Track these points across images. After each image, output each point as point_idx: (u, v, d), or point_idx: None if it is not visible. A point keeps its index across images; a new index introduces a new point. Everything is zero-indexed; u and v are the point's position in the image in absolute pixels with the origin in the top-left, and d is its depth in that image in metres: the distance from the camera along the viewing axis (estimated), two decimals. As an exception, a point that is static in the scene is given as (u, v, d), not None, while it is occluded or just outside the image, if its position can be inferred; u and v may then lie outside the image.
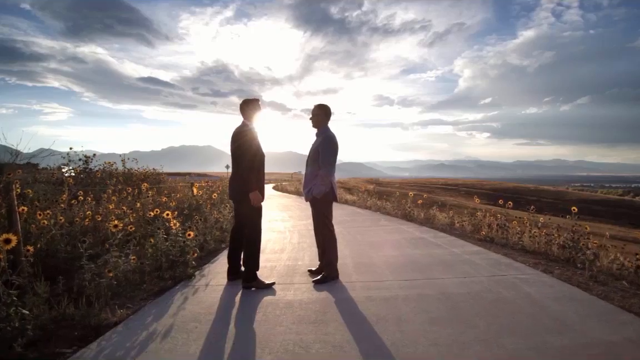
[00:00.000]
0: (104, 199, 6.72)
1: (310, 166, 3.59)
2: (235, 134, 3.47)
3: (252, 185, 3.33)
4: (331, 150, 3.49)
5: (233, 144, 3.45)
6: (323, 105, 3.65)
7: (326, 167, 3.45)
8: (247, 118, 3.53)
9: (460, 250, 4.93)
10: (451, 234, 6.29)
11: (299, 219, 8.72)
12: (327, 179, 3.45)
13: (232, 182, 3.53)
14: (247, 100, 3.57)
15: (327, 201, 3.57)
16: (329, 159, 3.46)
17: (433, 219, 8.19)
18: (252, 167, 3.36)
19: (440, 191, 70.36)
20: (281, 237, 6.18)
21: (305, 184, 3.64)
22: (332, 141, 3.52)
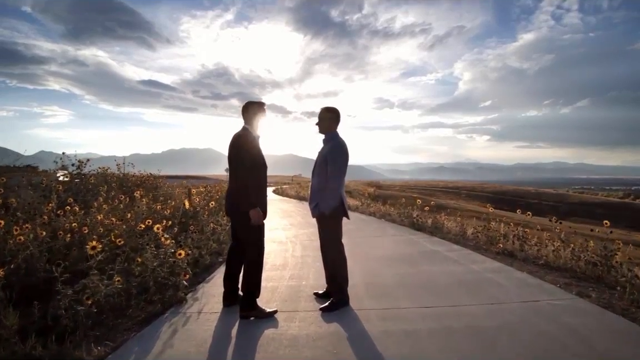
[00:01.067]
0: (94, 208, 6.30)
1: (317, 177, 3.13)
2: (233, 140, 3.03)
3: (252, 200, 2.90)
4: (341, 159, 3.05)
5: (230, 151, 3.01)
6: (331, 109, 3.21)
7: (335, 178, 3.00)
8: (249, 123, 3.10)
9: (479, 267, 4.50)
10: (465, 245, 5.86)
11: (301, 227, 8.28)
12: (336, 193, 3.01)
13: (229, 195, 3.11)
14: (250, 103, 3.14)
15: (336, 218, 3.13)
16: (338, 169, 3.02)
17: (442, 227, 7.76)
18: (252, 179, 2.93)
19: (441, 194, 69.92)
20: (282, 250, 5.74)
21: (311, 197, 3.19)
22: (342, 149, 3.08)
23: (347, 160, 3.08)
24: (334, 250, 3.13)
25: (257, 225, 2.95)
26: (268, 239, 6.95)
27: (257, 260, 3.08)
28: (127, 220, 5.45)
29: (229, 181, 3.12)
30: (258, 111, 3.12)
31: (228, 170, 3.30)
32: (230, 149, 2.99)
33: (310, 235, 7.02)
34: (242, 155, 2.92)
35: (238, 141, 2.99)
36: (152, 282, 3.44)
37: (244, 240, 3.09)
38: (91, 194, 8.05)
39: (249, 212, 2.87)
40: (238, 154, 2.93)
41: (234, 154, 2.96)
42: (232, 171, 2.98)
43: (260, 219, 2.95)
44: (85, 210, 6.15)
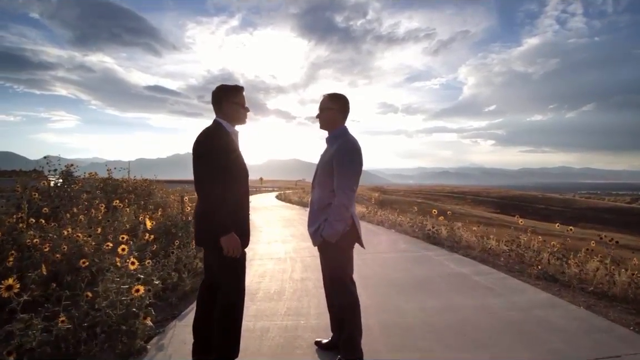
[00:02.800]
0: (67, 219, 5.51)
1: (319, 189, 2.26)
2: (199, 139, 2.14)
3: (225, 222, 2.03)
4: (352, 163, 2.15)
5: (195, 155, 2.13)
6: (336, 96, 2.32)
7: (344, 190, 2.10)
8: (222, 114, 2.25)
9: (523, 299, 3.61)
10: (495, 266, 4.98)
11: (303, 239, 7.42)
12: (345, 211, 2.13)
13: (197, 217, 2.24)
14: (223, 88, 2.27)
15: (345, 247, 2.23)
16: (348, 178, 2.12)
17: (460, 240, 6.88)
18: (226, 192, 2.07)
19: (446, 199, 68.93)
20: (280, 270, 4.89)
21: (310, 218, 2.30)
22: (354, 149, 2.18)
23: (360, 165, 2.18)
24: (342, 292, 2.23)
25: (233, 259, 2.11)
26: (265, 254, 6.17)
27: (234, 306, 2.24)
28: (96, 236, 4.64)
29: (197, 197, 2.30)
30: (234, 98, 2.23)
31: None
32: (195, 151, 2.11)
33: (312, 250, 6.15)
34: (212, 160, 2.06)
35: (205, 141, 2.12)
36: (99, 329, 2.59)
37: (217, 277, 2.25)
38: (72, 202, 7.24)
39: (220, 239, 2.02)
40: (206, 159, 2.07)
41: (199, 159, 2.08)
42: (198, 183, 2.10)
43: (237, 248, 2.08)
44: (56, 222, 5.37)
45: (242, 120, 2.29)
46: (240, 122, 2.29)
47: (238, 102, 2.24)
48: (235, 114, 2.24)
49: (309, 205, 2.34)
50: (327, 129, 2.32)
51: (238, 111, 2.25)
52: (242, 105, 2.27)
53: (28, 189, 6.84)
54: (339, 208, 2.08)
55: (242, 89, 2.28)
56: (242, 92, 2.28)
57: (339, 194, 2.09)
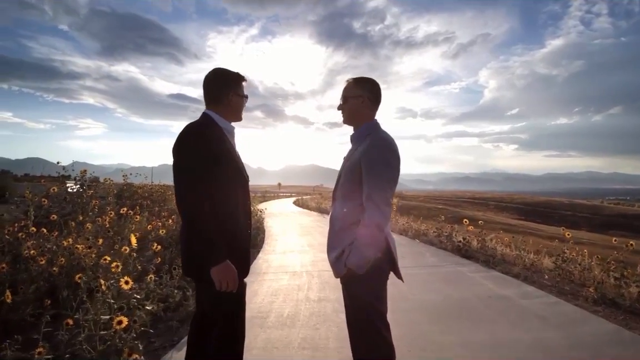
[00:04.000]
0: (73, 228, 5.20)
1: (342, 201, 1.70)
2: (180, 137, 1.62)
3: (215, 249, 1.51)
4: (388, 169, 1.59)
5: (174, 157, 1.62)
6: (364, 80, 1.75)
7: (378, 204, 1.53)
8: (223, 107, 1.74)
9: (587, 332, 2.97)
10: (541, 286, 4.32)
11: (321, 250, 6.90)
12: (378, 232, 1.56)
13: (181, 238, 1.72)
14: (228, 76, 1.77)
15: (377, 280, 1.66)
16: (382, 188, 1.55)
17: (495, 253, 6.21)
18: (218, 206, 1.57)
19: (468, 205, 67.14)
20: (295, 287, 4.38)
21: (331, 240, 1.74)
22: (388, 149, 1.62)
23: (397, 170, 1.62)
24: (373, 341, 1.65)
25: (229, 293, 1.59)
26: (279, 267, 5.67)
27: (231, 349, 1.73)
28: (97, 247, 4.27)
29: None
30: (240, 90, 1.79)
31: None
32: (176, 154, 1.59)
33: (331, 263, 5.64)
34: (198, 165, 1.53)
35: (190, 140, 1.59)
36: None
37: (210, 315, 1.75)
38: (83, 209, 6.97)
39: (211, 270, 1.51)
40: (190, 164, 1.55)
41: (181, 164, 1.57)
42: (179, 196, 1.56)
43: (233, 281, 1.55)
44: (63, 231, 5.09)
45: (240, 115, 1.85)
46: (239, 117, 1.84)
47: (242, 95, 1.80)
48: (237, 108, 1.80)
49: (328, 222, 1.81)
50: (353, 124, 1.79)
51: (240, 105, 1.81)
52: (245, 101, 1.85)
53: (38, 195, 6.62)
54: (369, 228, 1.53)
55: (245, 79, 1.83)
56: (243, 81, 1.83)
57: (370, 209, 1.55)
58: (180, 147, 1.60)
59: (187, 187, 1.53)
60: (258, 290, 4.23)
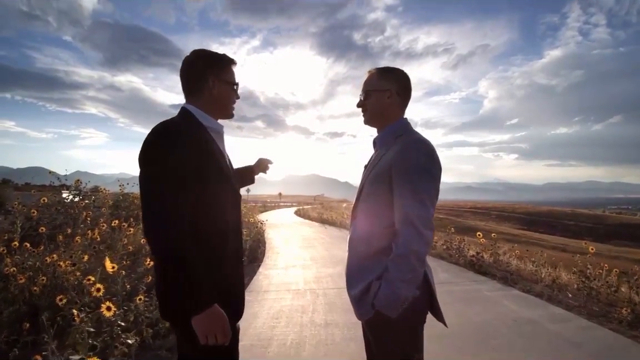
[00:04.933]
0: (59, 241, 4.86)
1: (365, 221, 1.35)
2: (148, 139, 1.19)
3: (197, 290, 1.10)
4: (429, 177, 1.23)
5: (140, 165, 1.20)
6: (390, 71, 1.42)
7: (416, 225, 1.17)
8: (204, 100, 1.34)
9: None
10: (568, 307, 3.95)
11: (324, 264, 6.52)
12: (418, 262, 1.19)
13: (158, 280, 1.28)
14: (209, 57, 1.35)
15: (412, 323, 1.29)
16: (422, 203, 1.19)
17: (510, 267, 5.84)
18: (196, 233, 1.17)
19: (470, 215, 66.62)
20: (298, 308, 4.00)
21: (351, 271, 1.37)
22: (426, 153, 1.26)
23: (438, 180, 1.26)
24: None
25: (216, 346, 1.16)
26: (281, 284, 5.30)
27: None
28: (81, 264, 3.92)
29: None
30: (225, 75, 1.36)
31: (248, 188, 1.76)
32: (142, 161, 1.19)
33: (336, 279, 5.27)
34: (172, 175, 1.14)
35: (160, 142, 1.18)
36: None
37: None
38: (75, 221, 6.61)
39: (192, 319, 1.11)
40: (161, 175, 1.14)
41: (149, 174, 1.17)
42: (147, 218, 1.15)
43: (221, 333, 1.14)
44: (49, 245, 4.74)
45: (230, 110, 1.42)
46: (228, 113, 1.42)
47: (230, 82, 1.37)
48: (225, 100, 1.37)
49: (347, 244, 1.43)
50: (377, 124, 1.44)
51: (229, 96, 1.38)
52: (236, 90, 1.41)
53: (27, 206, 6.28)
54: (405, 258, 1.17)
55: (235, 63, 1.40)
56: (235, 64, 1.40)
57: (406, 232, 1.18)
58: (147, 156, 1.17)
59: (157, 209, 1.12)
60: (258, 312, 3.86)
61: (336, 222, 16.17)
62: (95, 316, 2.75)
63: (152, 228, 1.10)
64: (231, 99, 1.40)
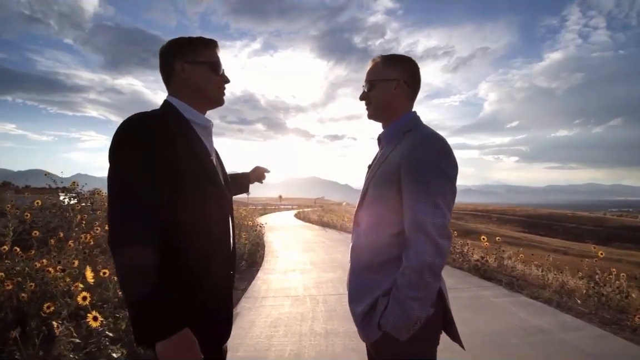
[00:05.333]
0: (51, 245, 4.70)
1: (369, 227, 1.18)
2: (118, 132, 1.02)
3: (161, 312, 0.92)
4: (442, 176, 1.05)
5: (109, 160, 1.02)
6: (397, 59, 1.24)
7: (429, 233, 1.01)
8: (173, 89, 1.19)
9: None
10: (579, 314, 3.78)
11: (324, 269, 6.36)
12: (431, 277, 1.02)
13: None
14: (170, 41, 1.19)
15: (424, 346, 1.10)
16: (437, 207, 1.03)
17: (514, 272, 5.68)
18: (171, 242, 1.01)
19: (470, 217, 66.40)
20: (298, 315, 3.84)
21: (354, 284, 1.21)
22: (440, 150, 1.08)
23: (455, 180, 1.10)
24: None
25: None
26: (280, 290, 5.12)
27: None
28: (71, 270, 3.77)
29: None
30: (196, 55, 1.18)
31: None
32: (111, 157, 1.01)
33: (337, 284, 5.11)
34: (140, 174, 0.98)
35: (129, 139, 1.01)
36: None
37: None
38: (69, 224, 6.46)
39: (156, 345, 0.93)
40: (126, 174, 0.99)
41: (115, 175, 0.99)
42: (113, 223, 0.98)
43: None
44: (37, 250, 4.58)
45: (212, 93, 1.22)
46: (210, 97, 1.22)
47: (205, 62, 1.18)
48: (200, 82, 1.17)
49: (349, 254, 1.27)
50: (382, 118, 1.28)
51: (205, 76, 1.18)
52: (215, 69, 1.20)
53: (20, 209, 6.13)
54: (418, 271, 1.01)
55: (212, 43, 1.21)
56: (214, 47, 1.21)
57: (418, 242, 1.02)
58: (117, 151, 1.01)
59: (124, 214, 0.95)
60: (256, 320, 3.69)
61: (336, 225, 16.00)
62: (83, 325, 2.61)
63: (115, 242, 0.94)
64: (208, 80, 1.19)
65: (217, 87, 1.23)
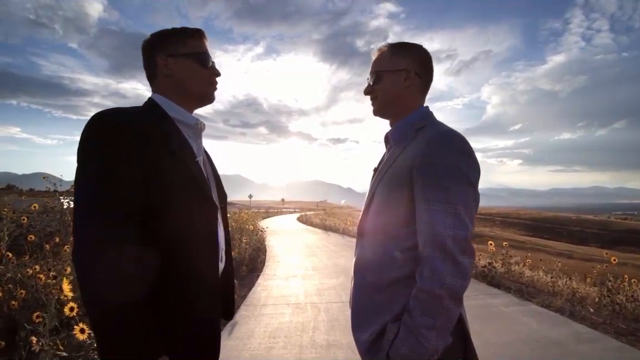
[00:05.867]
0: (47, 250, 4.59)
1: (375, 239, 1.02)
2: (86, 130, 0.88)
3: (126, 337, 0.79)
4: (464, 180, 0.89)
5: (77, 161, 0.88)
6: (407, 46, 1.08)
7: (448, 249, 0.85)
8: (156, 85, 1.05)
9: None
10: (594, 324, 3.60)
11: (327, 275, 6.20)
12: (451, 303, 0.87)
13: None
14: (160, 34, 1.04)
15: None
16: (457, 218, 0.87)
17: (526, 280, 5.50)
18: (135, 260, 0.82)
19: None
20: (298, 324, 3.68)
21: (359, 306, 1.04)
22: (460, 150, 0.92)
23: (477, 182, 0.92)
24: None
25: None
26: (280, 297, 4.96)
27: None
28: (63, 277, 3.63)
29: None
30: (180, 47, 1.03)
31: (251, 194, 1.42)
32: (79, 156, 0.87)
33: (339, 291, 4.95)
34: (111, 179, 0.83)
35: (99, 137, 0.86)
36: None
37: None
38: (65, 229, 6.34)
39: None
40: (94, 178, 0.84)
41: (82, 176, 0.85)
42: (75, 236, 0.84)
43: None
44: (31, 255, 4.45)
45: (203, 91, 1.09)
46: (200, 97, 1.10)
47: (190, 54, 1.04)
48: (184, 75, 1.04)
49: (353, 269, 1.10)
50: (390, 114, 1.13)
51: (190, 69, 1.04)
52: (202, 61, 1.06)
53: (16, 212, 6.02)
54: (436, 296, 0.86)
55: (197, 33, 1.07)
56: (200, 37, 1.08)
57: (435, 258, 0.87)
58: (85, 149, 0.87)
59: (87, 227, 0.81)
60: (254, 329, 3.54)
61: (339, 229, 15.85)
62: (68, 341, 2.47)
63: (78, 259, 0.81)
64: (195, 73, 1.05)
65: (205, 82, 1.09)
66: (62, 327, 2.80)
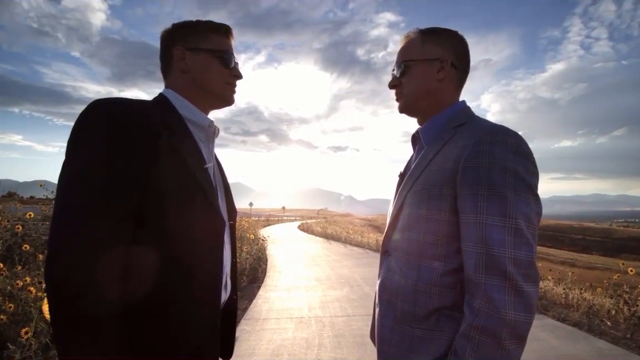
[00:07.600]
0: (39, 261, 4.43)
1: (408, 258, 0.83)
2: (80, 117, 0.72)
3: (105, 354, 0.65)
4: (523, 187, 0.72)
5: (66, 153, 0.73)
6: (441, 32, 0.91)
7: (509, 275, 0.68)
8: (170, 80, 0.91)
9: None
10: (614, 339, 3.41)
11: (330, 286, 5.99)
12: (513, 343, 0.67)
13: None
14: (181, 25, 0.91)
15: None
16: (517, 235, 0.69)
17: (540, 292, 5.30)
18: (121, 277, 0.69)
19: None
20: (302, 341, 3.48)
21: (386, 340, 0.84)
22: (516, 151, 0.74)
23: (536, 188, 0.74)
24: None
25: None
26: (283, 310, 4.78)
27: None
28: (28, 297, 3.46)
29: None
30: (202, 41, 0.89)
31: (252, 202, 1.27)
32: (70, 145, 0.71)
33: (344, 304, 4.75)
34: (105, 177, 0.68)
35: (96, 127, 0.70)
36: None
37: None
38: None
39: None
40: (84, 173, 0.68)
41: (69, 169, 0.69)
42: (56, 233, 0.67)
43: None
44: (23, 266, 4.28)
45: (221, 92, 0.96)
46: (218, 98, 0.97)
47: (212, 50, 0.91)
48: (203, 73, 0.92)
49: (377, 295, 0.94)
50: (420, 111, 0.97)
51: (210, 66, 0.91)
52: (224, 59, 0.93)
53: (10, 220, 5.86)
54: (493, 335, 0.67)
55: (222, 28, 0.94)
56: (225, 34, 0.96)
57: (492, 285, 0.69)
58: (77, 140, 0.72)
59: (67, 230, 0.66)
60: (255, 347, 3.34)
61: (341, 237, 15.62)
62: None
63: (49, 258, 0.66)
64: (214, 72, 0.92)
65: (224, 82, 0.95)
66: (52, 344, 2.63)
